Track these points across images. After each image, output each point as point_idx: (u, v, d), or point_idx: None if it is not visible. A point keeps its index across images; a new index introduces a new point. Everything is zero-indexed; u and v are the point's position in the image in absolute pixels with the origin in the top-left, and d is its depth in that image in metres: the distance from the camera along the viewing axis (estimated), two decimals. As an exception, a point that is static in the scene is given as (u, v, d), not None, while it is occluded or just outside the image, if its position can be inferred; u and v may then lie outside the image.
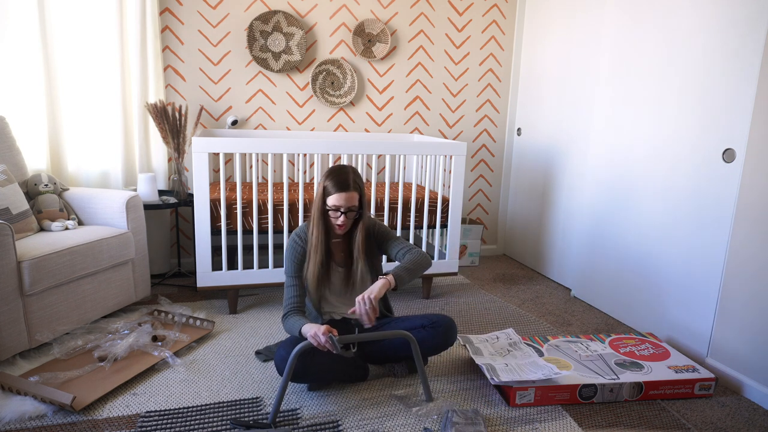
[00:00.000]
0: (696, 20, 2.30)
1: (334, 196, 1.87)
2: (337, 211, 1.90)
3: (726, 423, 1.89)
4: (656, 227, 2.54)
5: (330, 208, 1.89)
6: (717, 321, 2.22)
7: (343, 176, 1.89)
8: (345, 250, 2.07)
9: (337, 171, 1.91)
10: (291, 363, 1.74)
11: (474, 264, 3.76)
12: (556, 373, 1.95)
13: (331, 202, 1.88)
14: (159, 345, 2.21)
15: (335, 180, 1.88)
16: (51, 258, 2.12)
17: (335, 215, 1.91)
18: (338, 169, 1.91)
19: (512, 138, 3.91)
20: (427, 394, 1.94)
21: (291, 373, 1.76)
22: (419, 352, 1.91)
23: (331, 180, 1.89)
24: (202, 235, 2.51)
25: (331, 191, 1.88)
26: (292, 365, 1.74)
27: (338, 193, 1.87)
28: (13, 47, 2.64)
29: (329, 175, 1.91)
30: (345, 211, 1.89)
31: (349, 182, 1.88)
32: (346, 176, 1.89)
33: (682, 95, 2.37)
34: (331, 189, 1.88)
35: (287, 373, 1.74)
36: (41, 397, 1.78)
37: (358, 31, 3.39)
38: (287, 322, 1.93)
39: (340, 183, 1.87)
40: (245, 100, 3.30)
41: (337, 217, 1.90)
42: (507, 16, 3.72)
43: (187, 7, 3.10)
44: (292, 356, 1.74)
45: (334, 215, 1.91)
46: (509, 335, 2.35)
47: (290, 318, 1.93)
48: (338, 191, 1.87)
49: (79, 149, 2.94)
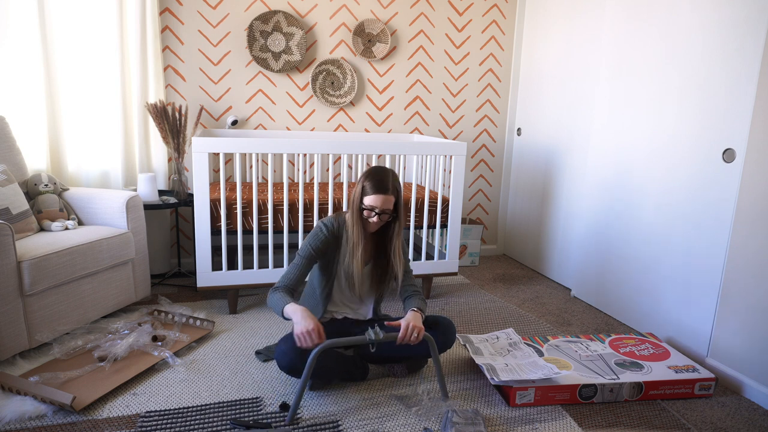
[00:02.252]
0: (696, 20, 2.30)
1: (371, 197, 1.88)
2: (371, 211, 1.91)
3: (726, 423, 1.89)
4: (656, 227, 2.54)
5: (366, 207, 1.90)
6: (717, 321, 2.22)
7: (383, 178, 1.90)
8: (371, 249, 2.07)
9: (377, 172, 1.92)
10: (311, 363, 1.74)
11: (474, 264, 3.76)
12: (556, 373, 1.96)
13: (367, 201, 1.89)
14: (159, 345, 2.21)
15: (374, 180, 1.89)
16: (51, 258, 2.12)
17: (369, 215, 1.92)
18: (379, 170, 1.93)
19: (512, 138, 3.91)
20: (443, 391, 1.95)
21: (310, 372, 1.75)
22: (437, 351, 1.94)
23: (371, 180, 1.90)
24: (202, 235, 2.51)
25: (368, 191, 1.89)
26: (312, 364, 1.74)
27: (375, 195, 1.88)
28: (13, 47, 2.64)
29: (369, 175, 1.92)
30: (379, 213, 1.90)
31: (388, 185, 1.90)
32: (386, 178, 1.91)
33: (682, 95, 2.37)
34: (369, 189, 1.89)
35: (307, 372, 1.74)
36: (41, 397, 1.78)
37: (358, 31, 3.39)
38: (274, 295, 1.92)
39: (379, 184, 1.88)
40: (245, 100, 3.30)
41: (371, 217, 1.92)
42: (507, 16, 3.72)
43: (187, 7, 3.10)
44: (311, 357, 1.74)
45: (368, 215, 1.92)
46: (509, 335, 2.35)
47: (278, 292, 1.93)
48: (376, 192, 1.88)
49: (79, 149, 2.94)
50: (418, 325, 1.85)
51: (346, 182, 2.66)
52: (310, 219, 2.75)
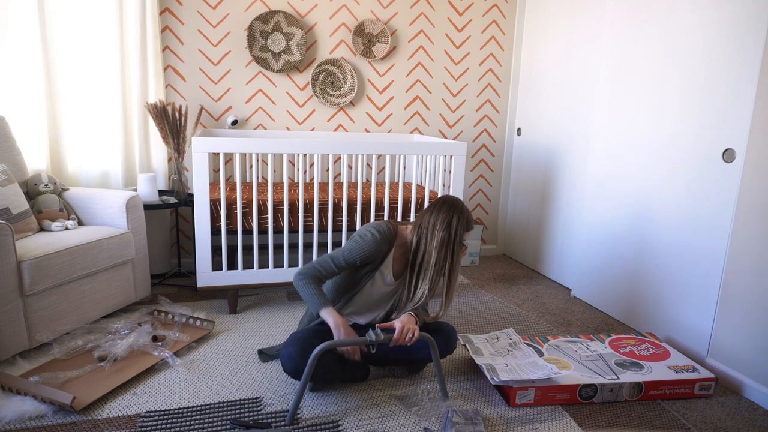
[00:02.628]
0: (696, 20, 2.30)
1: (467, 233, 1.92)
2: (462, 243, 1.92)
3: (726, 423, 1.89)
4: (656, 227, 2.54)
5: (463, 241, 1.92)
6: (717, 321, 2.22)
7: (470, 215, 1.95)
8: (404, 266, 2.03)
9: (467, 209, 1.97)
10: (311, 363, 1.74)
11: (474, 264, 3.76)
12: (556, 373, 1.96)
13: (466, 236, 1.92)
14: (159, 345, 2.21)
15: (469, 217, 1.91)
16: (51, 258, 2.12)
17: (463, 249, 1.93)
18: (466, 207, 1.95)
19: (512, 138, 3.91)
20: (443, 392, 1.96)
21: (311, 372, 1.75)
22: (437, 351, 1.94)
23: (467, 217, 1.91)
24: (202, 235, 2.51)
25: (467, 227, 1.90)
26: (313, 364, 1.74)
27: (469, 231, 1.92)
28: (13, 47, 2.64)
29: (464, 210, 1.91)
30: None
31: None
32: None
33: (682, 95, 2.37)
34: (467, 225, 1.90)
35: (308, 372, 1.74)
36: (41, 397, 1.78)
37: (358, 31, 3.39)
38: (308, 286, 1.87)
39: (471, 221, 1.92)
40: (245, 100, 3.30)
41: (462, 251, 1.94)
42: (507, 16, 3.72)
43: (187, 7, 3.10)
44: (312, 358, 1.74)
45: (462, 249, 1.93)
46: (509, 335, 2.35)
47: (313, 285, 1.88)
48: (470, 229, 1.92)
49: (79, 149, 2.94)
50: (411, 326, 1.84)
51: (346, 182, 2.66)
52: (310, 219, 2.75)
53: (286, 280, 2.71)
